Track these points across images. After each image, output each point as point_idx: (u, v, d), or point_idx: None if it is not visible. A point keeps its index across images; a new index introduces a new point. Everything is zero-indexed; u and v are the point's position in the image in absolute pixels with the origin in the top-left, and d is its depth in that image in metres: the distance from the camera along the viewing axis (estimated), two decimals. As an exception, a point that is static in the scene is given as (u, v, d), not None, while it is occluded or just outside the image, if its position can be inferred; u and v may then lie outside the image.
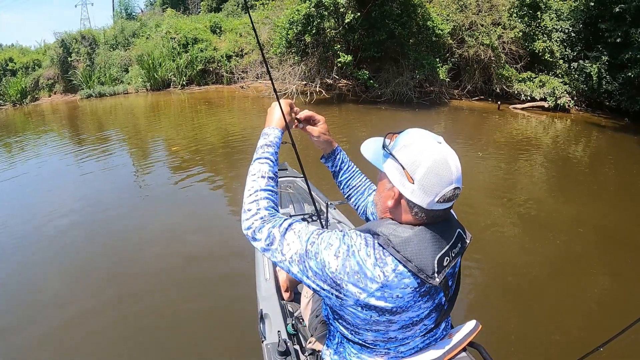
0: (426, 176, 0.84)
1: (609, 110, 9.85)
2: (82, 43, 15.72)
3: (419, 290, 0.87)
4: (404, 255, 0.84)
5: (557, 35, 10.50)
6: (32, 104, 15.17)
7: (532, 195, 4.64)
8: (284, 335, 1.54)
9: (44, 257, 3.41)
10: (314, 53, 9.48)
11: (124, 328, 2.47)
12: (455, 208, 0.95)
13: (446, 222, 0.92)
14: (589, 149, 7.13)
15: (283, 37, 9.23)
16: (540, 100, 9.97)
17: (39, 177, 5.89)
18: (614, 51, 9.46)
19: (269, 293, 1.83)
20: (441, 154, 0.85)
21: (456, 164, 0.87)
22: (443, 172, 0.84)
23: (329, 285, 0.87)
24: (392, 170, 0.90)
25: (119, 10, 22.26)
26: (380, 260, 0.85)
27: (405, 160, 0.87)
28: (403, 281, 0.85)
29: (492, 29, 10.10)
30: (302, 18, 8.74)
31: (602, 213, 4.15)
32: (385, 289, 0.84)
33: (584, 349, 0.98)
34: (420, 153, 0.85)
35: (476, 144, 6.88)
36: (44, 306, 2.75)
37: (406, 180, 0.86)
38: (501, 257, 3.23)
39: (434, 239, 0.87)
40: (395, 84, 9.54)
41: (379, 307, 0.85)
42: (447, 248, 0.88)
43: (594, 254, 3.39)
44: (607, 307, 2.65)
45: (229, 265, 3.06)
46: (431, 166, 0.84)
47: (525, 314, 2.58)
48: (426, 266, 0.84)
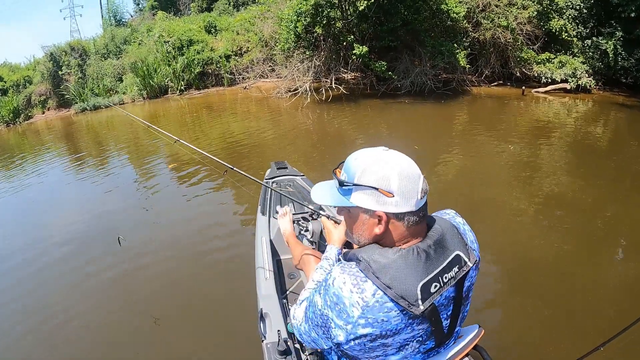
0: (401, 183, 0.80)
1: (626, 87, 9.11)
2: (72, 55, 14.21)
3: (407, 314, 0.80)
4: (383, 282, 0.78)
5: (569, 12, 9.49)
6: (26, 123, 13.71)
7: (550, 191, 4.08)
8: (284, 334, 1.46)
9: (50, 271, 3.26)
10: (325, 46, 8.18)
11: (124, 327, 2.42)
12: (467, 205, 1.50)
13: (439, 243, 0.83)
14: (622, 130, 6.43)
15: (291, 30, 7.93)
16: (561, 82, 9.00)
17: (37, 201, 5.26)
18: (628, 26, 8.66)
19: (269, 292, 1.74)
20: (397, 158, 0.83)
21: (410, 160, 0.84)
22: (409, 172, 0.81)
23: (322, 329, 0.85)
24: (364, 199, 0.83)
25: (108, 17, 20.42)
26: (357, 287, 0.80)
27: (374, 181, 0.81)
28: (385, 305, 0.79)
29: (508, 10, 8.93)
30: (311, 8, 7.44)
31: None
32: (367, 314, 0.79)
33: (584, 348, 0.96)
34: (382, 167, 0.82)
35: (508, 133, 6.10)
36: (49, 307, 2.71)
37: (385, 198, 0.81)
38: (500, 256, 2.97)
39: (417, 264, 0.79)
40: (415, 73, 8.32)
41: (368, 335, 0.80)
42: (436, 273, 0.80)
43: (604, 255, 3.04)
44: (608, 307, 2.45)
45: (229, 265, 2.96)
46: (399, 171, 0.81)
47: (525, 314, 2.42)
48: (407, 293, 0.78)
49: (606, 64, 8.92)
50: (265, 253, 1.98)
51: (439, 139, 6.07)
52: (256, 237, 2.17)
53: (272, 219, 2.31)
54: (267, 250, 2.00)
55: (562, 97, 8.70)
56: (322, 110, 8.15)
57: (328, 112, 7.99)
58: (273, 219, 2.30)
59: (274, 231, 2.20)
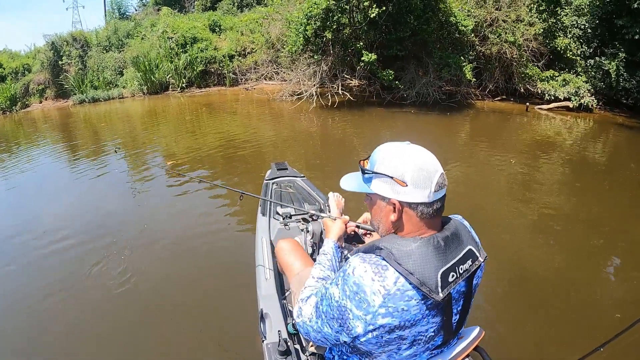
0: (415, 173, 0.82)
1: (627, 108, 9.10)
2: (74, 45, 13.80)
3: (425, 303, 0.80)
4: (406, 268, 0.78)
5: (574, 31, 9.45)
6: (23, 111, 13.25)
7: (548, 201, 4.14)
8: (284, 334, 1.43)
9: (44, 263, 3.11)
10: (333, 51, 7.94)
11: (123, 326, 2.33)
12: (468, 214, 0.97)
13: (454, 236, 0.85)
14: (620, 150, 6.39)
15: (300, 33, 7.68)
16: (564, 100, 8.91)
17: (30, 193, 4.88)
18: (631, 48, 8.66)
19: (269, 292, 1.71)
20: (417, 151, 0.85)
21: (430, 155, 0.86)
22: (426, 164, 0.83)
23: (338, 321, 0.84)
24: (381, 186, 0.87)
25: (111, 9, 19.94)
26: (378, 275, 0.79)
27: (390, 170, 0.85)
28: (406, 293, 0.79)
29: (515, 26, 8.81)
30: (322, 12, 7.21)
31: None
32: (388, 303, 0.78)
33: (584, 350, 0.96)
34: (400, 158, 0.85)
35: (510, 148, 6.08)
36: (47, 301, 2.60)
37: (399, 187, 0.84)
38: (502, 258, 2.94)
39: (437, 252, 0.81)
40: (422, 84, 8.13)
41: (387, 325, 0.80)
42: (453, 263, 0.82)
43: (601, 256, 3.10)
44: (610, 308, 2.44)
45: (229, 265, 2.87)
46: (415, 163, 0.83)
47: (525, 316, 2.39)
48: (429, 280, 0.78)
49: (608, 84, 8.89)
50: (265, 253, 1.97)
51: (442, 150, 6.00)
52: (256, 238, 2.16)
53: (272, 220, 2.28)
54: (267, 251, 1.99)
55: (564, 115, 8.63)
56: (327, 116, 7.98)
57: (333, 118, 7.81)
58: (273, 220, 2.28)
59: (274, 231, 2.18)
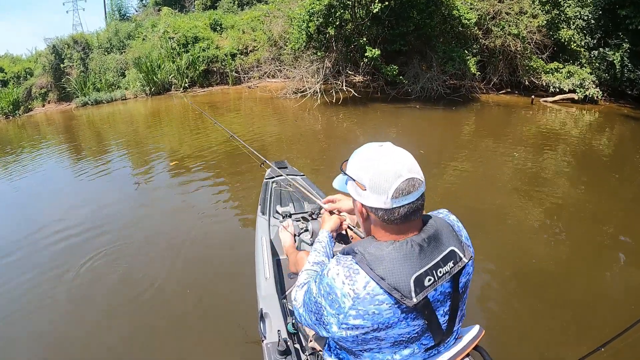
0: (372, 178, 0.80)
1: (632, 99, 8.98)
2: (75, 48, 13.66)
3: (400, 307, 0.79)
4: (377, 274, 0.77)
5: (577, 22, 9.29)
6: (26, 115, 13.14)
7: (553, 196, 4.03)
8: (284, 334, 1.43)
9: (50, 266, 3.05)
10: (336, 48, 7.80)
11: (122, 328, 2.31)
12: (471, 209, 1.49)
13: (433, 238, 0.81)
14: (626, 142, 6.31)
15: (302, 30, 7.54)
16: (569, 92, 8.76)
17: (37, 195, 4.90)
18: (635, 38, 8.51)
19: (268, 292, 1.70)
20: (386, 155, 0.82)
21: (401, 158, 0.81)
22: (386, 169, 0.79)
23: (315, 315, 0.86)
24: (350, 188, 0.88)
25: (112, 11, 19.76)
26: (349, 278, 0.79)
27: (352, 172, 0.85)
28: (377, 298, 0.78)
29: (519, 18, 8.64)
30: (324, 8, 7.06)
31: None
32: (358, 306, 0.78)
33: (585, 349, 0.95)
34: (362, 161, 0.84)
35: (515, 141, 5.96)
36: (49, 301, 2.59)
37: (360, 189, 0.83)
38: (503, 255, 2.92)
39: (410, 257, 0.78)
40: (426, 79, 7.99)
41: (360, 326, 0.79)
42: (430, 267, 0.79)
43: (606, 254, 3.02)
44: (608, 309, 2.39)
45: (229, 266, 2.85)
46: (377, 167, 0.80)
47: (525, 315, 2.35)
48: (401, 285, 0.76)
49: (612, 75, 8.76)
50: (265, 253, 1.95)
51: (447, 144, 5.94)
52: (256, 237, 2.14)
53: (272, 219, 2.27)
54: (267, 250, 1.97)
55: (569, 107, 8.49)
56: (331, 113, 7.86)
57: (337, 115, 7.69)
58: (273, 219, 2.26)
59: (274, 231, 2.16)
